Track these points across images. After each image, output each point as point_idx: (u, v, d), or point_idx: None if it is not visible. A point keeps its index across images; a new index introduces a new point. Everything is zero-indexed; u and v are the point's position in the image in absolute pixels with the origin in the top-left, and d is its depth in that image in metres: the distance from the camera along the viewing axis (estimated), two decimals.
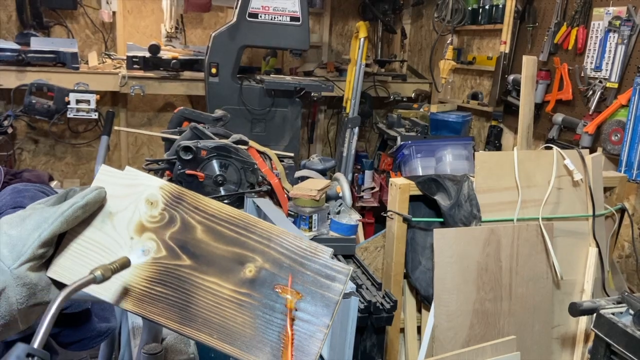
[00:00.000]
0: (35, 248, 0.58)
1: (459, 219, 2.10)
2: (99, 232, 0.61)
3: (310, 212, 2.03)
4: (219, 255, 0.59)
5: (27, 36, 3.76)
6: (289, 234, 0.60)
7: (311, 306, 0.56)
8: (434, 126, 3.84)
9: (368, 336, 1.74)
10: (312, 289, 0.57)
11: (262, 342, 0.55)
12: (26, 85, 3.44)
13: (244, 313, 0.57)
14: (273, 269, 0.58)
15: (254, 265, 0.58)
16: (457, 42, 4.17)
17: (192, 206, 0.62)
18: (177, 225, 0.61)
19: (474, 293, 2.07)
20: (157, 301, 0.58)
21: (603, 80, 2.82)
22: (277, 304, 0.57)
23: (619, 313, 1.70)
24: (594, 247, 2.23)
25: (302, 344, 0.55)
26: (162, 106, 4.50)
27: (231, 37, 3.43)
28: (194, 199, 0.62)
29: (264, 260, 0.58)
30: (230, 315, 0.57)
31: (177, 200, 0.62)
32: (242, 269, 0.58)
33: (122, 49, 4.16)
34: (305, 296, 0.57)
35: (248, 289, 0.58)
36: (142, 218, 0.61)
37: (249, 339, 0.56)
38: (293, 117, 3.65)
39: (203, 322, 0.57)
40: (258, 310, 0.56)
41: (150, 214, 0.62)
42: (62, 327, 1.34)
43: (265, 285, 0.58)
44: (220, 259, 0.59)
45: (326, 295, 0.57)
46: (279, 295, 0.57)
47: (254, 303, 0.57)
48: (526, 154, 2.23)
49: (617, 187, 2.41)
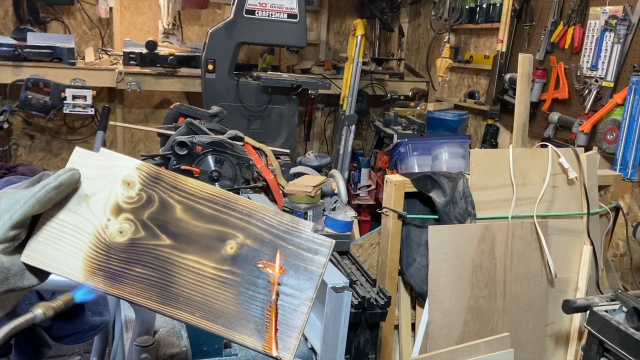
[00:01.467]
0: (6, 230, 0.56)
1: (453, 216, 2.10)
2: (75, 214, 0.60)
3: (305, 208, 2.03)
4: (199, 233, 0.59)
5: (23, 31, 3.75)
6: (269, 210, 0.60)
7: (294, 280, 0.56)
8: (430, 124, 3.84)
9: (362, 332, 1.74)
10: (295, 263, 0.57)
11: (245, 318, 0.55)
12: (22, 80, 3.44)
13: (226, 290, 0.56)
14: (254, 244, 0.58)
15: (235, 242, 0.58)
16: (454, 41, 4.18)
17: (171, 185, 0.61)
18: (155, 205, 0.60)
19: (468, 290, 2.07)
20: (136, 282, 0.57)
21: (599, 80, 2.83)
22: (260, 280, 0.56)
23: (612, 310, 1.71)
24: (588, 245, 2.24)
25: (286, 318, 0.55)
26: (158, 103, 4.50)
27: (228, 34, 3.43)
28: (172, 178, 0.61)
29: (245, 236, 0.58)
30: (212, 292, 0.56)
31: (154, 180, 0.61)
32: (223, 246, 0.58)
33: (119, 45, 4.16)
34: (288, 270, 0.56)
35: (230, 265, 0.57)
36: (119, 199, 0.60)
37: (232, 316, 0.55)
38: (290, 114, 3.65)
39: (185, 300, 0.56)
40: (241, 287, 0.56)
41: (127, 194, 0.60)
42: (54, 321, 1.34)
43: (247, 261, 0.57)
44: (201, 237, 0.58)
45: (309, 268, 0.56)
46: (262, 270, 0.56)
47: (237, 280, 0.56)
48: (521, 151, 2.23)
49: (612, 185, 2.41)
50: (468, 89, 4.13)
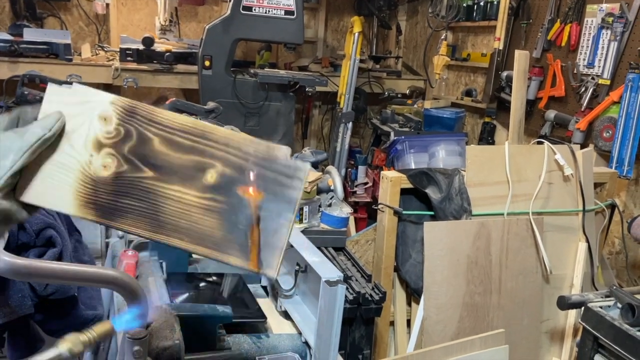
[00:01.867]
0: (7, 178, 0.61)
1: (449, 213, 2.10)
2: (58, 152, 0.63)
3: (301, 204, 2.03)
4: (179, 164, 0.61)
5: (20, 27, 3.73)
6: (246, 137, 0.62)
7: (274, 204, 0.58)
8: (427, 122, 3.84)
9: (357, 327, 1.74)
10: (273, 188, 0.59)
11: (230, 240, 0.58)
12: (18, 76, 3.42)
13: (210, 216, 0.59)
14: (233, 172, 0.60)
15: (214, 170, 0.60)
16: (451, 39, 4.18)
17: (146, 119, 0.63)
18: (134, 139, 0.62)
19: (463, 286, 2.07)
20: (126, 212, 0.60)
21: (595, 77, 2.83)
22: (241, 205, 0.58)
23: (607, 306, 1.71)
24: (583, 242, 2.24)
25: (268, 240, 0.57)
26: (155, 99, 4.48)
27: (225, 30, 3.42)
28: (147, 111, 0.64)
29: (224, 165, 0.60)
30: (197, 219, 0.59)
31: (130, 114, 0.63)
32: (204, 175, 0.60)
33: (116, 41, 4.14)
34: (267, 195, 0.59)
35: (211, 193, 0.59)
36: (98, 135, 0.62)
37: (218, 239, 0.58)
38: (287, 111, 3.64)
39: (173, 228, 0.59)
40: (223, 213, 0.58)
41: (105, 129, 0.63)
42: (47, 314, 1.34)
43: (228, 188, 0.59)
44: (181, 168, 0.61)
45: (286, 192, 0.59)
46: (242, 196, 0.59)
47: (219, 206, 0.59)
48: (517, 148, 2.23)
49: (608, 183, 2.42)
50: (465, 86, 4.13)
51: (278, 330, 1.51)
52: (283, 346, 1.42)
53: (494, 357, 1.80)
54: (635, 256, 2.67)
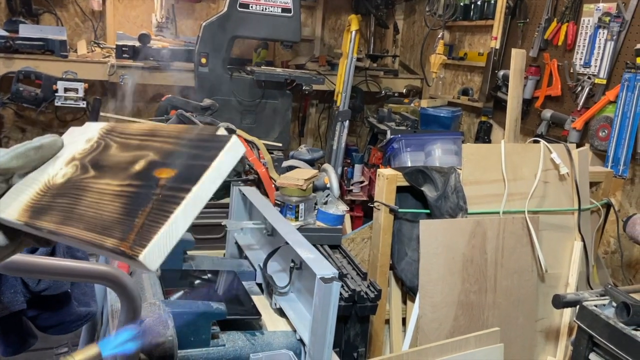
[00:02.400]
0: None
1: (445, 211, 2.10)
2: (42, 172, 0.63)
3: (297, 202, 2.02)
4: (119, 161, 0.60)
5: (15, 23, 3.71)
6: (189, 128, 0.60)
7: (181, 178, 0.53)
8: (424, 121, 3.84)
9: (352, 325, 1.73)
10: (187, 163, 0.55)
11: (120, 223, 0.52)
12: (14, 72, 3.40)
13: (117, 201, 0.55)
14: (160, 158, 0.57)
15: (144, 160, 0.58)
16: (448, 38, 4.18)
17: (118, 132, 0.64)
18: (100, 149, 0.63)
19: (459, 285, 2.07)
20: (52, 210, 0.58)
21: (592, 77, 2.83)
22: (151, 185, 0.54)
23: (602, 305, 1.71)
24: (579, 241, 2.24)
25: (156, 218, 0.50)
26: (151, 96, 4.47)
27: (222, 27, 3.41)
28: (123, 127, 0.65)
29: (155, 153, 0.58)
30: (104, 206, 0.55)
31: (108, 132, 0.65)
32: (133, 166, 0.58)
33: (112, 38, 4.12)
34: (179, 172, 0.54)
35: (131, 179, 0.57)
36: (76, 153, 0.64)
37: (109, 223, 0.53)
38: (283, 109, 3.63)
39: (78, 218, 0.56)
40: (132, 196, 0.55)
41: (83, 147, 0.64)
42: (40, 310, 1.33)
43: (148, 173, 0.56)
44: (119, 164, 0.60)
45: (198, 164, 0.53)
46: (155, 176, 0.55)
47: (131, 190, 0.56)
48: (513, 147, 2.23)
49: (604, 182, 2.42)
50: (462, 86, 4.13)
51: (272, 327, 1.50)
52: (277, 343, 1.41)
53: (489, 355, 1.80)
54: (630, 255, 2.67)
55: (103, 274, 0.99)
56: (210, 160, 0.52)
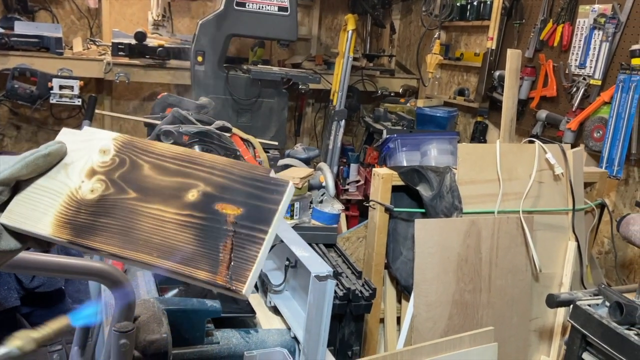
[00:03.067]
0: None
1: (440, 210, 2.11)
2: (53, 180, 0.63)
3: (292, 200, 2.02)
4: (164, 185, 0.61)
5: (11, 20, 3.70)
6: (232, 162, 0.62)
7: (251, 219, 0.58)
8: (420, 121, 3.85)
9: (347, 324, 1.73)
10: (253, 203, 0.59)
11: (202, 255, 0.56)
12: (9, 69, 3.39)
13: (184, 231, 0.58)
14: (215, 191, 0.60)
15: (196, 190, 0.60)
16: (445, 38, 4.19)
17: (142, 149, 0.65)
18: (126, 166, 0.64)
19: (453, 284, 2.07)
20: (101, 231, 0.59)
21: (587, 78, 2.84)
22: (218, 219, 0.58)
23: (595, 305, 1.72)
24: (573, 241, 2.25)
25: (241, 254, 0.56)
26: (147, 95, 4.46)
27: (218, 26, 3.40)
28: (144, 144, 0.66)
29: (206, 184, 0.60)
30: (171, 234, 0.58)
31: (127, 146, 0.65)
32: (185, 195, 0.60)
33: (108, 35, 4.11)
34: (245, 210, 0.58)
35: (190, 210, 0.59)
36: (94, 164, 0.64)
37: (189, 254, 0.57)
38: (279, 108, 3.63)
39: (144, 243, 0.58)
40: (199, 228, 0.58)
41: (101, 160, 0.64)
42: (34, 307, 1.33)
43: (207, 205, 0.59)
44: (164, 189, 0.61)
45: (266, 206, 0.58)
46: (220, 212, 0.58)
47: (196, 222, 0.58)
48: (508, 147, 2.24)
49: (598, 182, 2.43)
50: (458, 86, 4.14)
51: (267, 325, 1.50)
52: (272, 341, 1.41)
53: (483, 354, 1.81)
54: (624, 255, 2.68)
55: (97, 270, 0.99)
56: (276, 205, 0.58)
